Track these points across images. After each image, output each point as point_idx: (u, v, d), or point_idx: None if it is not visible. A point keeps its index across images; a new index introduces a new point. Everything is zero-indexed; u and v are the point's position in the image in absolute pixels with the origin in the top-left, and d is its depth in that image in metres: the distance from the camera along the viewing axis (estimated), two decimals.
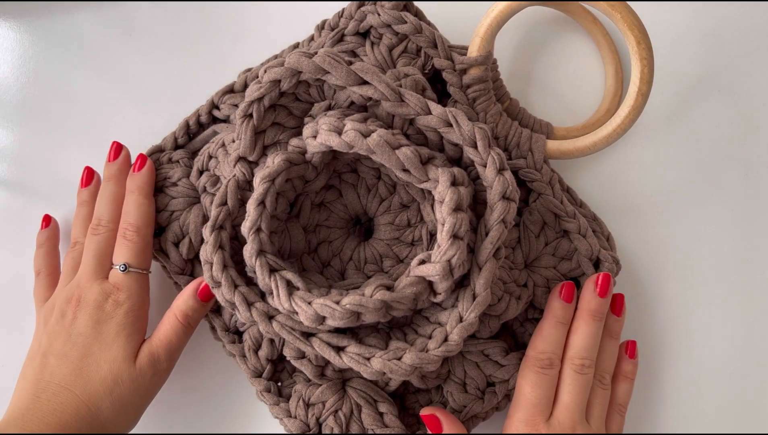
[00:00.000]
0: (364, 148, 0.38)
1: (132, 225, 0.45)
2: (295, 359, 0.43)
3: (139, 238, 0.45)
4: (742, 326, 0.50)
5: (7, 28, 0.52)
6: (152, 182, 0.46)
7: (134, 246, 0.44)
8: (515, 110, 0.48)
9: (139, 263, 0.45)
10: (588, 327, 0.44)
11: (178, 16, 0.52)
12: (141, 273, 0.45)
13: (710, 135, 0.51)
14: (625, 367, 0.46)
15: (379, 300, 0.37)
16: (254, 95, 0.40)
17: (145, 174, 0.46)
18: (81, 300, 0.44)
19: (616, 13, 0.42)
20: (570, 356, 0.43)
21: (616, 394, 0.46)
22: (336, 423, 0.44)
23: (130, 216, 0.45)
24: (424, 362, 0.38)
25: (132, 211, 0.45)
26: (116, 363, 0.43)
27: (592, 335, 0.44)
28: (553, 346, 0.43)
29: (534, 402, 0.42)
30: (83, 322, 0.43)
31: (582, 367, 0.43)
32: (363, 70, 0.39)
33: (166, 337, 0.44)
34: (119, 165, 0.47)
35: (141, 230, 0.45)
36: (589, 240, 0.45)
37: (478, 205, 0.41)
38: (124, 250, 0.45)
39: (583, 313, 0.44)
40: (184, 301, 0.45)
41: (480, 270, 0.39)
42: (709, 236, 0.51)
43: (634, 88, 0.43)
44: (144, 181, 0.46)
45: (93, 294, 0.44)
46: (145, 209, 0.45)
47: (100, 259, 0.45)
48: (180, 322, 0.44)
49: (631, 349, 0.47)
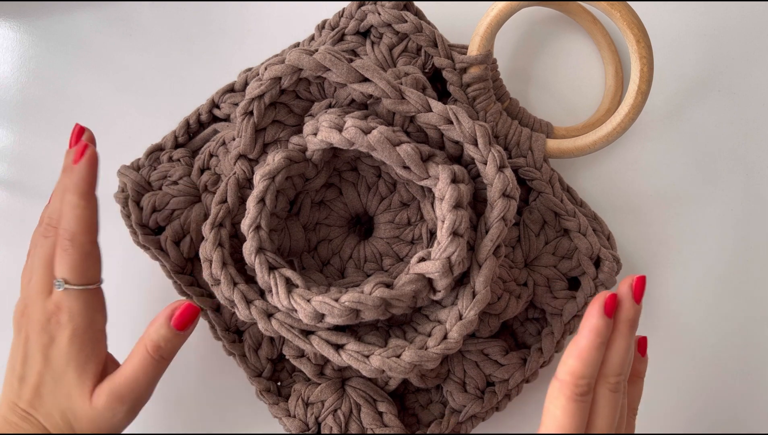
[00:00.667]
0: (364, 144, 0.38)
1: (66, 231, 0.38)
2: (295, 358, 0.43)
3: (74, 247, 0.38)
4: (742, 325, 0.50)
5: (7, 28, 0.52)
6: (93, 178, 0.39)
7: (70, 258, 0.38)
8: (515, 110, 0.48)
9: (78, 278, 0.38)
10: (626, 341, 0.38)
11: (178, 15, 0.52)
12: (82, 289, 0.38)
13: (710, 135, 0.51)
14: (639, 366, 0.42)
15: (378, 297, 0.37)
16: (255, 92, 0.40)
17: (84, 168, 0.38)
18: (30, 317, 0.38)
19: (616, 12, 0.42)
20: (605, 374, 0.38)
21: (632, 398, 0.42)
22: (335, 422, 0.44)
23: (64, 220, 0.38)
24: (423, 360, 0.38)
25: (66, 214, 0.38)
26: (70, 399, 0.38)
27: (628, 349, 0.38)
28: (593, 370, 0.37)
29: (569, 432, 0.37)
30: (33, 345, 0.38)
31: (617, 384, 0.38)
32: (364, 67, 0.39)
33: (132, 374, 0.38)
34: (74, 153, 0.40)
35: (76, 238, 0.38)
36: (590, 239, 0.45)
37: (479, 203, 0.41)
38: (61, 263, 0.38)
39: (622, 325, 0.38)
40: (156, 330, 0.39)
41: (480, 268, 0.39)
42: (709, 235, 0.51)
43: (634, 87, 0.43)
44: (81, 176, 0.38)
45: (37, 313, 0.38)
46: (80, 212, 0.38)
47: (45, 269, 0.39)
48: (150, 354, 0.39)
49: (643, 347, 0.42)
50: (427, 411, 0.46)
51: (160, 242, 0.46)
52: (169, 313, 0.39)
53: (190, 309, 0.39)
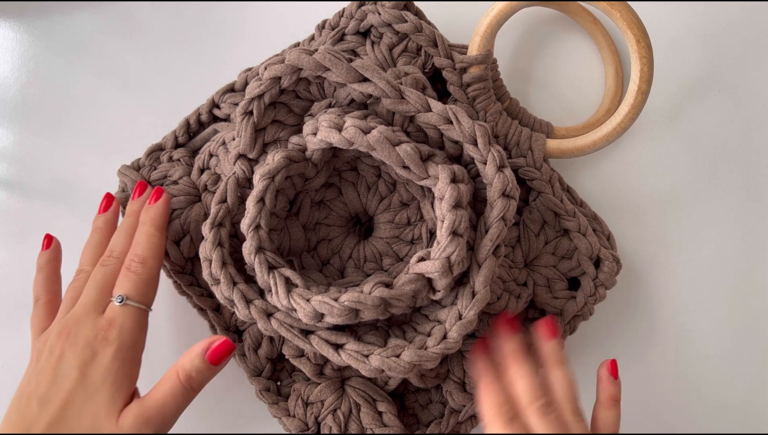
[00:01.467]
0: (364, 144, 0.38)
1: (138, 256, 0.42)
2: (294, 357, 0.43)
3: (144, 269, 0.41)
4: (742, 325, 0.50)
5: (7, 28, 0.52)
6: (166, 215, 0.44)
7: (137, 278, 0.41)
8: (515, 110, 0.48)
9: (139, 297, 0.41)
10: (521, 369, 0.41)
11: (177, 15, 0.52)
12: (139, 308, 0.40)
13: (710, 135, 0.51)
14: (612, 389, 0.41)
15: (378, 297, 0.37)
16: (255, 92, 0.40)
17: (161, 206, 0.44)
18: (71, 335, 0.39)
19: (616, 12, 0.42)
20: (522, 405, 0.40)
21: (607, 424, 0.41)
22: (335, 422, 0.44)
23: (138, 247, 0.42)
24: (422, 359, 0.38)
25: (141, 241, 0.42)
26: (97, 418, 0.37)
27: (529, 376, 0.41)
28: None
29: None
30: (69, 361, 0.38)
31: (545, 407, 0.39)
32: (363, 67, 0.39)
33: (162, 399, 0.39)
34: (142, 202, 0.45)
35: (147, 262, 0.41)
36: (590, 239, 0.45)
37: (478, 203, 0.41)
38: (125, 281, 0.41)
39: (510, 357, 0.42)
40: (190, 360, 0.39)
41: (479, 267, 0.39)
42: (709, 235, 0.51)
43: (634, 87, 0.43)
44: (158, 213, 0.44)
45: (84, 329, 0.39)
46: (155, 241, 0.42)
47: (101, 291, 0.41)
48: (181, 383, 0.39)
49: (614, 370, 0.42)
50: (426, 411, 0.46)
51: None
52: (206, 346, 0.40)
53: (226, 345, 0.40)
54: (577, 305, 0.45)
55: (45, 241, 0.46)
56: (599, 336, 0.50)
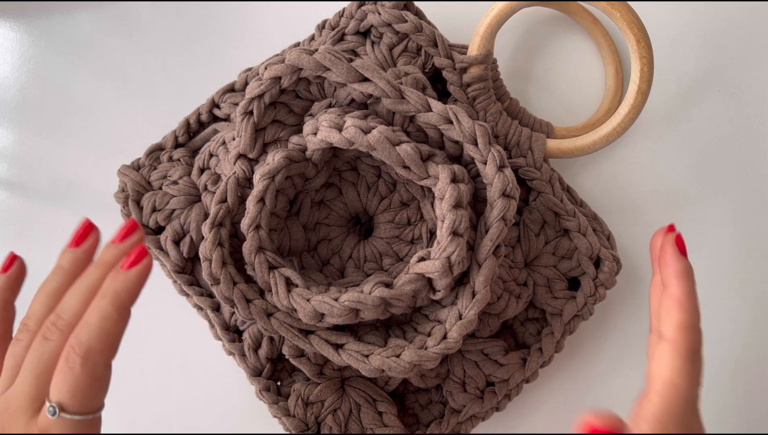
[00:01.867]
0: (364, 144, 0.38)
1: (82, 344, 0.30)
2: (294, 357, 0.43)
3: (86, 366, 0.30)
4: (742, 325, 0.50)
5: (7, 28, 0.52)
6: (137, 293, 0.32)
7: (74, 379, 0.30)
8: (515, 110, 0.48)
9: (77, 406, 0.30)
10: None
11: (178, 15, 0.52)
12: (79, 419, 0.31)
13: (710, 134, 0.51)
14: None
15: (378, 297, 0.37)
16: (255, 92, 0.40)
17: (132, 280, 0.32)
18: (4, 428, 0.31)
19: (616, 12, 0.42)
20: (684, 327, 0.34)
21: None
22: (335, 422, 0.44)
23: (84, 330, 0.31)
24: (423, 359, 0.38)
25: (90, 322, 0.31)
26: None
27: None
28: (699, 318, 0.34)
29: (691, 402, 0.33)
30: None
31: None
32: (363, 67, 0.39)
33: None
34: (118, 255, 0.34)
35: (91, 356, 0.30)
36: (590, 239, 0.45)
37: (478, 203, 0.41)
38: (60, 382, 0.30)
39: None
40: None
41: (479, 267, 0.39)
42: (709, 235, 0.51)
43: (634, 87, 0.43)
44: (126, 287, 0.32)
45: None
46: (109, 327, 0.31)
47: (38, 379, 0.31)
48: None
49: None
50: (426, 411, 0.46)
51: (160, 242, 0.46)
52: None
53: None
54: (577, 305, 0.45)
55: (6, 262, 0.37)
56: (599, 336, 0.50)
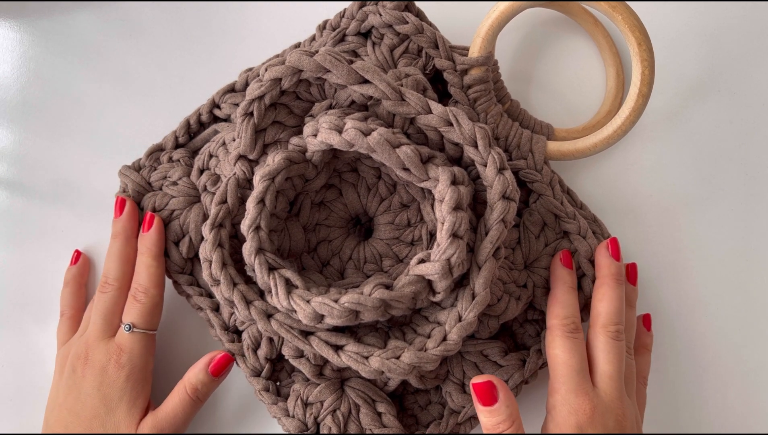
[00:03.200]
0: (364, 146, 0.38)
1: (141, 286, 0.45)
2: (294, 358, 0.43)
3: (147, 298, 0.45)
4: (743, 326, 0.50)
5: (7, 28, 0.52)
6: (161, 242, 0.46)
7: (142, 307, 0.45)
8: (516, 111, 0.48)
9: (145, 324, 0.45)
10: (614, 291, 0.43)
11: (178, 15, 0.52)
12: (146, 333, 0.45)
13: (710, 135, 0.51)
14: (645, 340, 0.47)
15: (378, 298, 0.37)
16: (255, 93, 0.40)
17: (153, 235, 0.45)
18: (88, 359, 0.44)
19: (618, 15, 0.42)
20: (603, 323, 0.42)
21: (640, 366, 0.46)
22: (334, 422, 0.44)
23: (140, 277, 0.45)
24: (422, 361, 0.38)
25: (141, 272, 0.45)
26: (119, 429, 0.44)
27: (620, 299, 0.43)
28: (573, 310, 0.43)
29: (577, 368, 0.41)
30: (89, 382, 0.44)
31: (618, 333, 0.42)
32: (364, 68, 0.39)
33: (173, 411, 0.45)
34: (124, 222, 0.46)
35: (149, 291, 0.45)
36: (589, 241, 0.45)
37: (478, 205, 0.41)
38: (132, 310, 0.45)
39: (606, 278, 0.43)
40: (195, 374, 0.45)
41: (479, 269, 0.39)
42: (710, 237, 0.51)
43: (635, 90, 0.43)
44: (152, 241, 0.45)
45: (98, 354, 0.44)
46: (153, 271, 0.45)
47: (106, 317, 0.45)
48: (188, 395, 0.45)
49: (647, 322, 0.47)
50: (426, 412, 0.46)
51: None
52: (208, 361, 0.45)
53: (226, 359, 0.45)
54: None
55: (73, 257, 0.50)
56: None
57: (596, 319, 0.43)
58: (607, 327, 0.42)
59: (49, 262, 0.50)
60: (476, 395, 0.40)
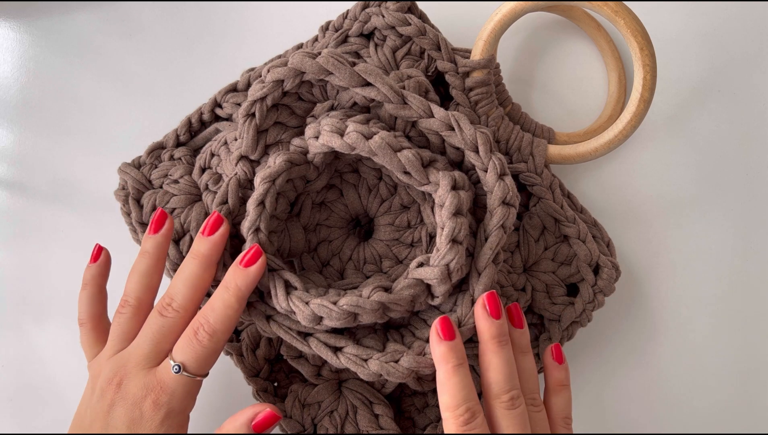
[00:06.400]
0: (365, 149, 0.38)
1: (210, 325, 0.38)
2: (293, 359, 0.43)
3: (212, 343, 0.38)
4: (743, 328, 0.51)
5: (7, 28, 0.52)
6: (254, 285, 0.40)
7: (203, 351, 0.38)
8: (517, 115, 0.48)
9: (198, 369, 0.38)
10: (498, 357, 0.38)
11: (178, 15, 0.52)
12: (195, 379, 0.39)
13: (710, 136, 0.51)
14: (557, 375, 0.42)
15: (377, 301, 0.37)
16: (257, 95, 0.40)
17: (252, 276, 0.39)
18: (122, 386, 0.38)
19: (620, 19, 0.42)
20: (495, 394, 0.38)
21: (556, 409, 0.41)
22: (331, 424, 0.44)
23: (214, 314, 0.39)
24: (421, 366, 0.38)
25: (217, 309, 0.39)
26: None
27: (507, 363, 0.38)
28: (465, 394, 0.37)
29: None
30: (119, 416, 0.38)
31: (512, 400, 0.38)
32: (366, 71, 0.39)
33: None
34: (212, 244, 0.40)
35: (216, 335, 0.38)
36: (589, 245, 0.45)
37: (478, 209, 0.41)
38: (188, 348, 0.38)
39: (488, 344, 0.38)
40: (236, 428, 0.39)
41: (479, 275, 0.39)
42: (710, 239, 0.51)
43: (637, 95, 0.43)
44: (247, 283, 0.39)
45: (134, 386, 0.38)
46: (231, 314, 0.39)
47: (156, 346, 0.39)
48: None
49: (557, 354, 0.42)
50: (423, 415, 0.46)
51: None
52: (251, 416, 0.39)
53: (272, 417, 0.39)
54: (576, 312, 0.45)
55: (94, 252, 0.44)
56: (597, 343, 0.50)
57: (487, 390, 0.38)
58: (499, 397, 0.38)
59: (49, 262, 0.50)
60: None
